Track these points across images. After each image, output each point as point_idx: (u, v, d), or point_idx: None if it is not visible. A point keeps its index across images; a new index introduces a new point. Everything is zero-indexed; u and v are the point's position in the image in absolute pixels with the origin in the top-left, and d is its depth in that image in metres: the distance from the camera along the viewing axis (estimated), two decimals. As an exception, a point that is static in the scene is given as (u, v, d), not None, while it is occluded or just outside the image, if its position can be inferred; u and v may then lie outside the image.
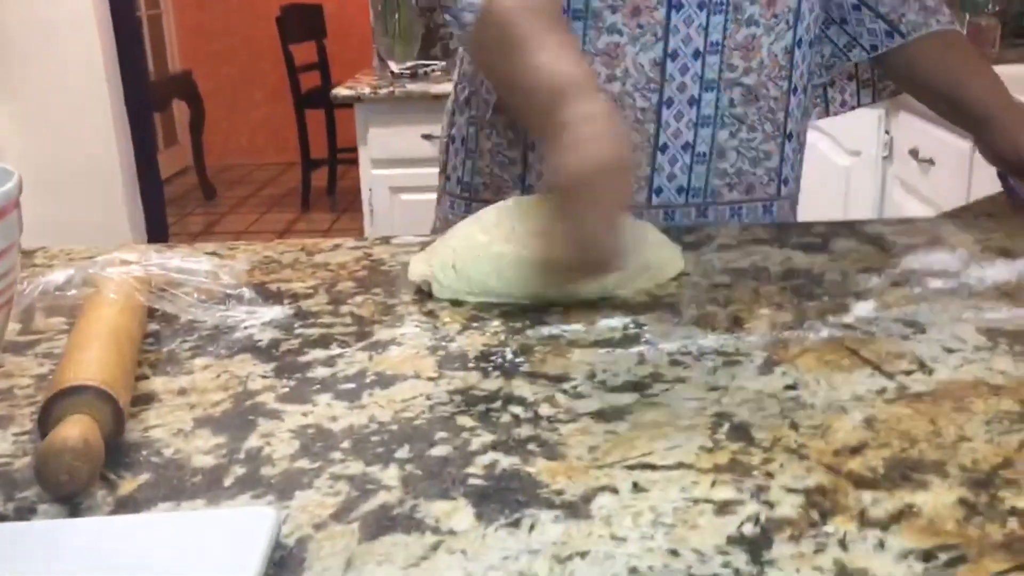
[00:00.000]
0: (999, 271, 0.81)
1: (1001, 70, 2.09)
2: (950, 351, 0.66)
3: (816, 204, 2.18)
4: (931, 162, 1.89)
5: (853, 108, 1.21)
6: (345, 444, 0.57)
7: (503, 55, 0.86)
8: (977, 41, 2.23)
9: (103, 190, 3.38)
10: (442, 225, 1.16)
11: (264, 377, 0.67)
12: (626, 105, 1.01)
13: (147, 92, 3.63)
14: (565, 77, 0.78)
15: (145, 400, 0.64)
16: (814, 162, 1.03)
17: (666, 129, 1.02)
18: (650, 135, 1.02)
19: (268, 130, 6.25)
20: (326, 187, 5.29)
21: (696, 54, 1.00)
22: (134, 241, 3.49)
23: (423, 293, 0.83)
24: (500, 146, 1.09)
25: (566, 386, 0.64)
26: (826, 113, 1.20)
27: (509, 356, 0.69)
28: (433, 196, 1.24)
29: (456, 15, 0.92)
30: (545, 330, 0.74)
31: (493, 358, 0.69)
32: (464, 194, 1.15)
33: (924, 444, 0.55)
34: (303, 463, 0.55)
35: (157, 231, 3.64)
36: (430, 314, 0.78)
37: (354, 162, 2.83)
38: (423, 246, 0.92)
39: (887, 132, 2.12)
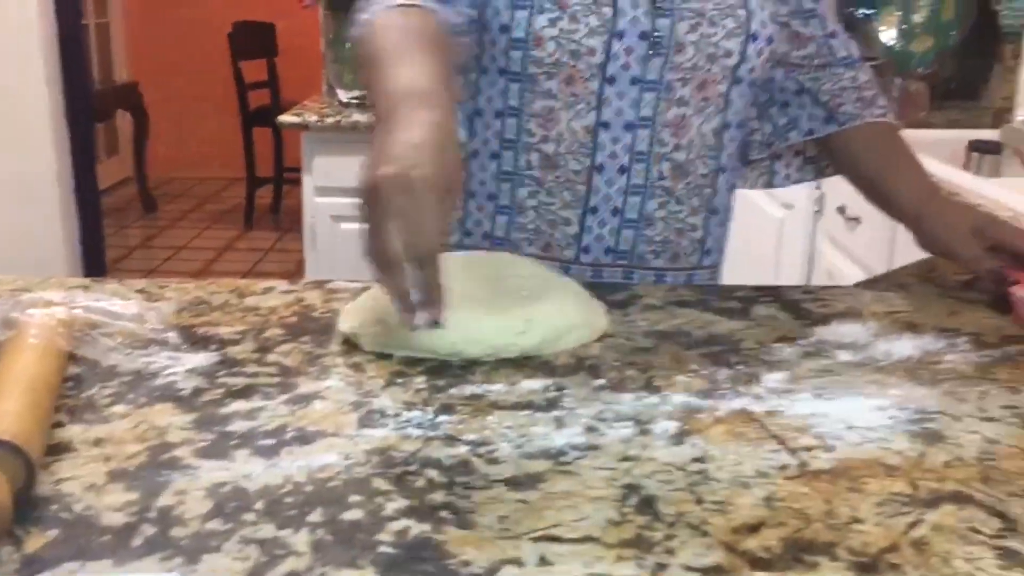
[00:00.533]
0: (904, 346, 0.85)
1: (931, 133, 2.18)
2: (851, 427, 0.69)
3: (750, 253, 2.24)
4: (858, 220, 1.95)
5: (796, 183, 1.24)
6: (259, 505, 0.58)
7: (372, 64, 0.87)
8: (907, 104, 2.32)
9: (38, 199, 3.32)
10: None
11: (183, 429, 0.67)
12: (559, 165, 1.04)
13: (89, 101, 3.58)
14: (406, 86, 0.78)
15: (59, 450, 0.64)
16: (750, 212, 1.09)
17: (596, 193, 1.05)
18: (581, 196, 1.05)
19: (214, 145, 6.18)
20: (270, 205, 5.25)
21: (628, 126, 1.03)
22: (67, 252, 3.42)
23: (351, 344, 0.83)
24: None
25: (483, 451, 0.65)
26: (770, 185, 1.23)
27: (430, 416, 0.70)
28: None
29: (352, 26, 0.96)
30: (468, 389, 0.75)
31: (414, 418, 0.70)
32: None
33: (818, 524, 0.57)
34: (215, 524, 0.56)
35: (92, 243, 3.57)
36: (356, 367, 0.79)
37: (300, 183, 2.82)
38: (355, 294, 0.93)
39: (819, 188, 2.18)
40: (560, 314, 0.84)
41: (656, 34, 1.00)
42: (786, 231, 2.25)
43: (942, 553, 0.54)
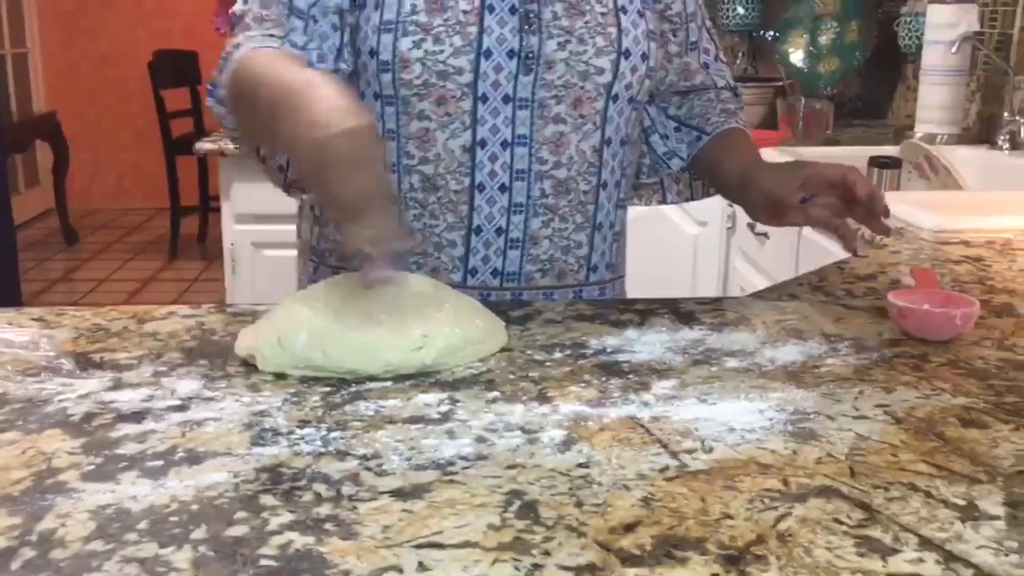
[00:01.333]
0: (789, 352, 0.88)
1: (835, 150, 2.26)
2: (731, 430, 0.72)
3: (667, 269, 2.29)
4: (766, 236, 2.01)
5: (688, 200, 1.29)
6: (142, 525, 0.58)
7: (248, 92, 0.90)
8: (813, 122, 2.40)
9: (-50, 234, 3.23)
10: (300, 285, 1.19)
11: (71, 454, 0.67)
12: (439, 186, 1.05)
13: (3, 134, 3.50)
14: (297, 76, 0.85)
15: (-59, 479, 0.63)
16: (666, 229, 1.12)
17: (479, 212, 1.06)
18: (464, 216, 1.06)
19: (136, 175, 6.09)
20: (196, 235, 5.19)
21: (504, 144, 1.05)
22: (-17, 288, 3.33)
23: (250, 366, 0.84)
24: None
25: (372, 464, 0.67)
26: (664, 201, 1.28)
27: (323, 432, 0.71)
28: (295, 252, 1.26)
29: (216, 102, 1.01)
30: (363, 405, 0.76)
31: (307, 435, 0.71)
32: (313, 258, 1.17)
33: (691, 521, 0.60)
34: (96, 545, 0.56)
35: (5, 278, 3.48)
36: (252, 387, 0.79)
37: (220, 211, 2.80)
38: (256, 317, 0.94)
39: (731, 205, 2.25)
40: (457, 329, 0.85)
41: (524, 52, 1.02)
42: (700, 247, 2.31)
43: (805, 543, 0.57)
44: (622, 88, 1.06)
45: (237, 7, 1.06)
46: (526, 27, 1.02)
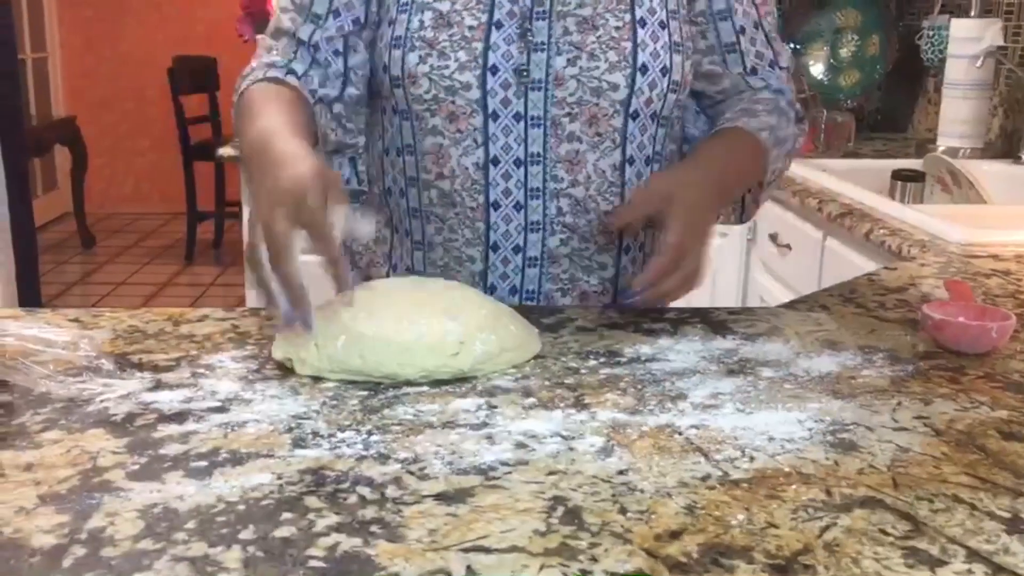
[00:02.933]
0: (824, 363, 0.88)
1: (857, 163, 2.26)
2: (771, 439, 0.72)
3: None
4: (788, 247, 2.01)
5: (736, 222, 1.24)
6: (190, 524, 0.58)
7: (241, 123, 0.97)
8: (834, 135, 2.40)
9: (-29, 236, 3.25)
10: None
11: (115, 453, 0.68)
12: (456, 203, 1.05)
13: (24, 137, 3.53)
14: (266, 131, 0.89)
15: (-12, 476, 0.63)
16: None
17: (496, 230, 1.05)
18: (481, 233, 1.05)
19: (154, 179, 6.13)
20: (212, 240, 5.21)
21: (518, 163, 1.03)
22: (1, 289, 3.35)
23: (286, 369, 0.84)
24: None
25: (414, 468, 0.67)
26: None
27: (363, 436, 0.72)
28: (314, 257, 1.26)
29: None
30: (401, 410, 0.77)
31: (347, 438, 0.71)
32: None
33: (736, 530, 0.59)
34: (146, 544, 0.56)
35: (28, 280, 3.50)
36: (290, 390, 0.80)
37: (241, 216, 2.81)
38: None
39: (752, 216, 2.25)
40: (493, 336, 0.86)
41: (531, 69, 1.01)
42: (720, 258, 2.31)
43: (853, 554, 0.57)
44: (641, 104, 1.03)
45: (267, 31, 1.11)
46: (532, 43, 1.00)
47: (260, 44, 1.10)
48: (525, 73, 1.01)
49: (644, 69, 1.02)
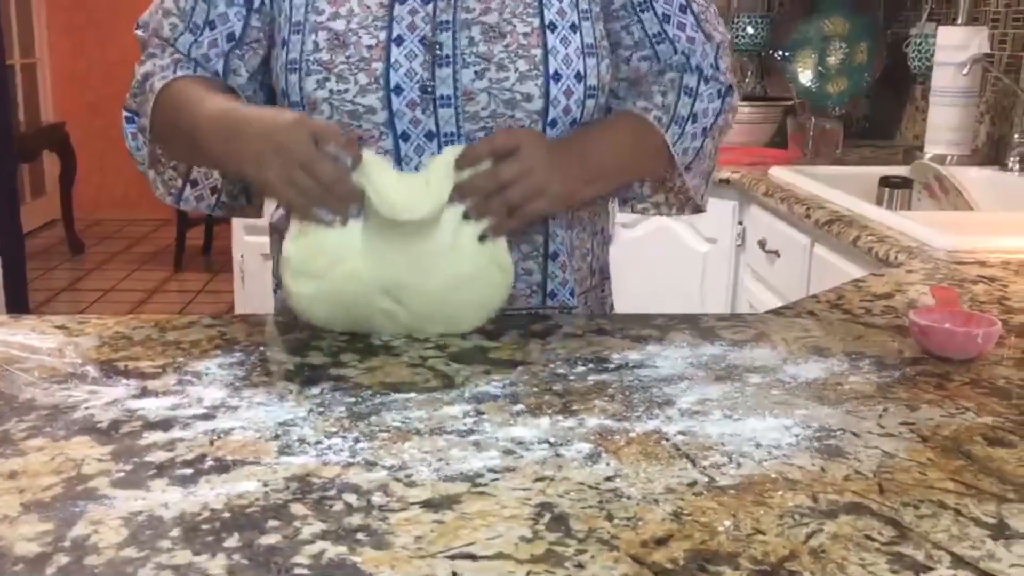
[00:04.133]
0: (811, 369, 0.88)
1: (845, 169, 2.27)
2: (758, 446, 0.72)
3: (676, 286, 2.29)
4: (777, 254, 2.02)
5: (675, 213, 1.17)
6: (175, 532, 0.58)
7: (179, 116, 0.97)
8: (821, 142, 2.41)
9: (-42, 242, 3.24)
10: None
11: (100, 460, 0.67)
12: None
13: (12, 143, 3.51)
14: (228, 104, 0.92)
15: (-28, 484, 0.63)
16: (675, 246, 1.09)
17: (397, 69, 0.97)
18: (379, 75, 0.97)
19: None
20: (201, 246, 5.19)
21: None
22: (-11, 297, 3.33)
23: (272, 375, 0.84)
24: None
25: (401, 475, 0.67)
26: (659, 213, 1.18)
27: (350, 443, 0.71)
28: None
29: (137, 130, 1.05)
30: (388, 416, 0.76)
31: (334, 445, 0.71)
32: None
33: (723, 536, 0.59)
34: (130, 552, 0.56)
35: (15, 286, 3.49)
36: (277, 397, 0.80)
37: (230, 223, 2.80)
38: (280, 326, 0.94)
39: (740, 223, 2.26)
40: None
41: (436, 85, 0.96)
42: (709, 264, 2.31)
43: (838, 560, 0.57)
44: (559, 113, 0.98)
45: (138, 33, 1.09)
46: (436, 57, 0.96)
47: (145, 44, 1.07)
48: (431, 89, 0.96)
49: (557, 77, 0.97)
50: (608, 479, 0.67)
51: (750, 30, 2.91)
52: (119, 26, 5.95)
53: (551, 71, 0.97)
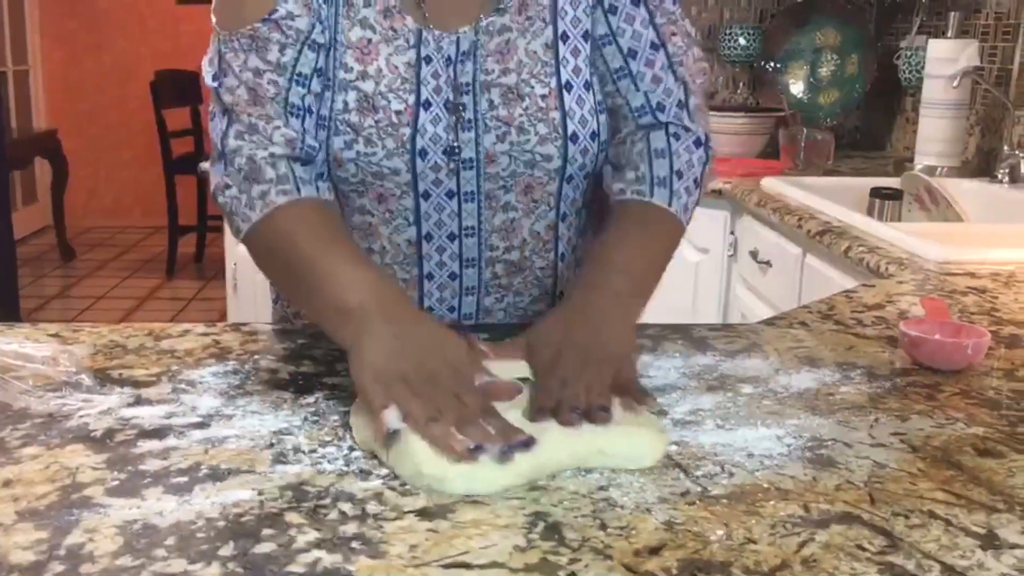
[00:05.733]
0: (802, 379, 0.89)
1: (837, 180, 2.28)
2: (750, 456, 0.73)
3: (667, 296, 2.30)
4: (768, 264, 2.03)
5: None
6: (170, 541, 0.58)
7: (288, 267, 0.87)
8: (813, 153, 2.42)
9: (-51, 249, 3.23)
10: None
11: (95, 469, 0.67)
12: (380, 107, 0.95)
13: (4, 150, 3.51)
14: (351, 301, 0.80)
15: (-34, 492, 0.63)
16: None
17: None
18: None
19: (135, 193, 6.10)
20: (193, 254, 5.19)
21: (452, 236, 1.00)
22: (-20, 304, 3.32)
23: (266, 383, 0.84)
24: None
25: (396, 484, 0.67)
26: None
27: (345, 452, 0.72)
28: None
29: (232, 223, 0.92)
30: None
31: (329, 453, 0.71)
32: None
33: (715, 545, 0.60)
34: (125, 560, 0.56)
35: (7, 293, 3.48)
36: (272, 406, 0.80)
37: (223, 231, 2.81)
38: (274, 336, 0.94)
39: (732, 233, 2.27)
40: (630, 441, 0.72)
41: (461, 150, 0.96)
42: (701, 274, 2.32)
43: (830, 569, 0.58)
44: (575, 170, 1.00)
45: (219, 87, 0.95)
46: (460, 122, 0.96)
47: (230, 110, 0.94)
48: (456, 152, 0.97)
49: (575, 138, 0.98)
50: (601, 488, 0.67)
51: (742, 41, 2.93)
52: (113, 35, 5.95)
53: (569, 132, 0.98)
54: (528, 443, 0.68)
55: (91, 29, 5.93)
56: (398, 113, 0.95)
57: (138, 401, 0.80)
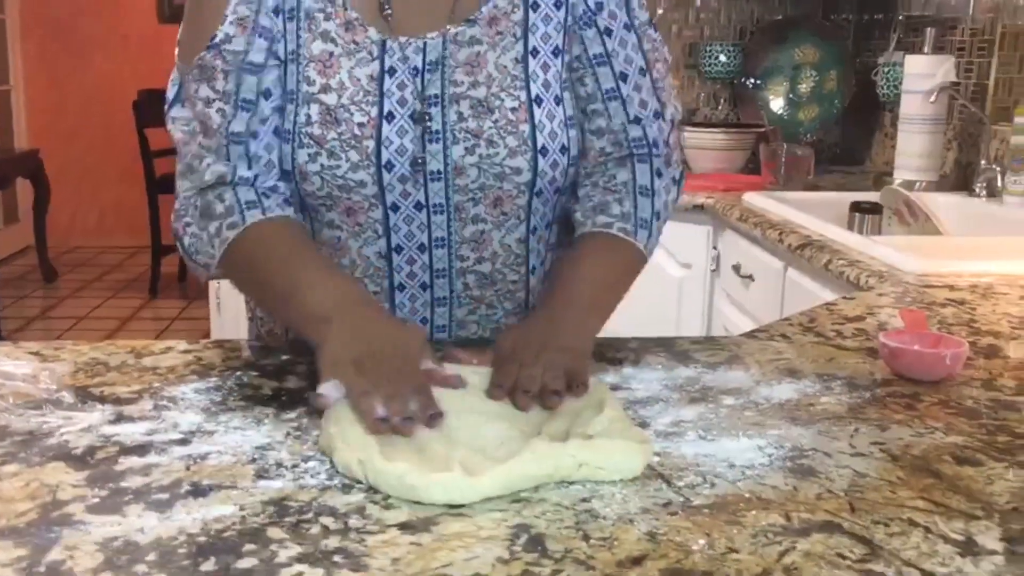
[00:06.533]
0: (784, 390, 0.90)
1: (817, 195, 2.30)
2: (731, 466, 0.73)
3: (651, 311, 2.31)
4: (751, 278, 2.04)
5: None
6: (151, 557, 0.58)
7: (259, 288, 0.94)
8: (793, 168, 2.44)
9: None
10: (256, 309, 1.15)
11: (75, 486, 0.67)
12: (342, 119, 0.96)
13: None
14: (316, 309, 0.86)
15: (-55, 510, 0.63)
16: (650, 271, 1.08)
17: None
18: (370, 152, 0.96)
19: (118, 213, 6.07)
20: (177, 274, 5.17)
21: (422, 248, 1.00)
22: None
23: (249, 399, 0.84)
24: None
25: (378, 497, 0.67)
26: None
27: (327, 466, 0.71)
28: None
29: (194, 268, 0.97)
30: (365, 440, 0.76)
31: (311, 468, 0.71)
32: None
33: (697, 555, 0.60)
34: (105, 577, 0.56)
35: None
36: (254, 421, 0.80)
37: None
38: (255, 352, 0.94)
39: (715, 248, 2.28)
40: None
41: (428, 161, 0.96)
42: (685, 289, 2.33)
43: (811, 577, 0.58)
44: (545, 184, 1.00)
45: (177, 113, 0.97)
46: (427, 133, 0.96)
47: (185, 142, 0.97)
48: (421, 162, 0.96)
49: (544, 151, 0.98)
50: (584, 500, 0.67)
51: (722, 58, 2.96)
52: (95, 55, 5.94)
53: (539, 146, 0.98)
54: (434, 416, 0.75)
55: (73, 49, 5.92)
56: (360, 125, 0.95)
57: (119, 418, 0.79)
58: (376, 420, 0.74)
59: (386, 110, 0.96)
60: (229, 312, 2.66)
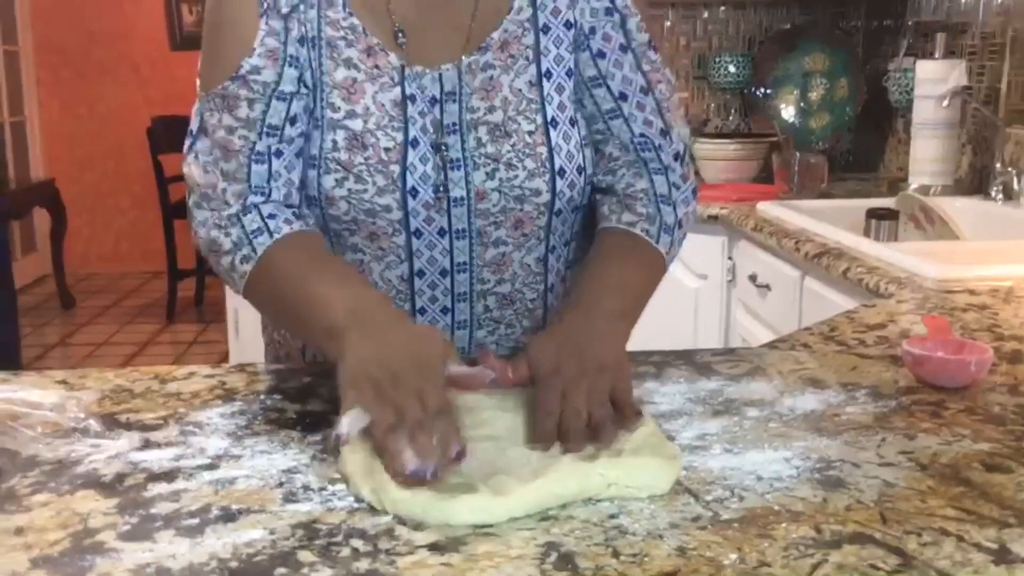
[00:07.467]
0: (808, 401, 0.89)
1: (832, 203, 2.29)
2: (759, 479, 0.73)
3: (668, 323, 2.30)
4: (768, 287, 2.03)
5: None
6: (184, 583, 0.58)
7: (280, 310, 0.94)
8: (807, 176, 2.44)
9: (-50, 301, 3.23)
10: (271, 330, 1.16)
11: (106, 514, 0.67)
12: (369, 144, 0.96)
13: (3, 200, 3.53)
14: (334, 323, 0.84)
15: (-22, 541, 0.63)
16: (666, 283, 1.08)
17: (413, 172, 0.98)
18: (396, 177, 0.97)
19: (134, 239, 6.12)
20: (193, 298, 5.19)
21: (444, 273, 1.01)
22: (-19, 354, 3.32)
23: (274, 423, 0.85)
24: None
25: (406, 518, 0.67)
26: None
27: (354, 488, 0.72)
28: None
29: (233, 283, 0.95)
30: (391, 461, 0.77)
31: (339, 491, 0.71)
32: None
33: (729, 570, 0.60)
34: (139, 604, 0.56)
35: (8, 343, 3.48)
36: (280, 445, 0.80)
37: (221, 276, 2.81)
38: (278, 375, 0.95)
39: (730, 258, 2.28)
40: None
41: (450, 187, 0.97)
42: (701, 300, 2.33)
43: (844, 589, 0.58)
44: (564, 203, 1.01)
45: (189, 151, 0.98)
46: (448, 161, 0.97)
47: (204, 172, 0.96)
48: (443, 189, 0.97)
49: (562, 172, 0.99)
50: (612, 516, 0.67)
51: (732, 69, 2.96)
52: (108, 83, 6.00)
53: (556, 167, 0.99)
54: (459, 456, 0.72)
55: (86, 78, 5.98)
56: (387, 150, 0.96)
57: (146, 445, 0.80)
58: (406, 477, 0.70)
59: (411, 136, 0.97)
60: (247, 334, 2.67)
